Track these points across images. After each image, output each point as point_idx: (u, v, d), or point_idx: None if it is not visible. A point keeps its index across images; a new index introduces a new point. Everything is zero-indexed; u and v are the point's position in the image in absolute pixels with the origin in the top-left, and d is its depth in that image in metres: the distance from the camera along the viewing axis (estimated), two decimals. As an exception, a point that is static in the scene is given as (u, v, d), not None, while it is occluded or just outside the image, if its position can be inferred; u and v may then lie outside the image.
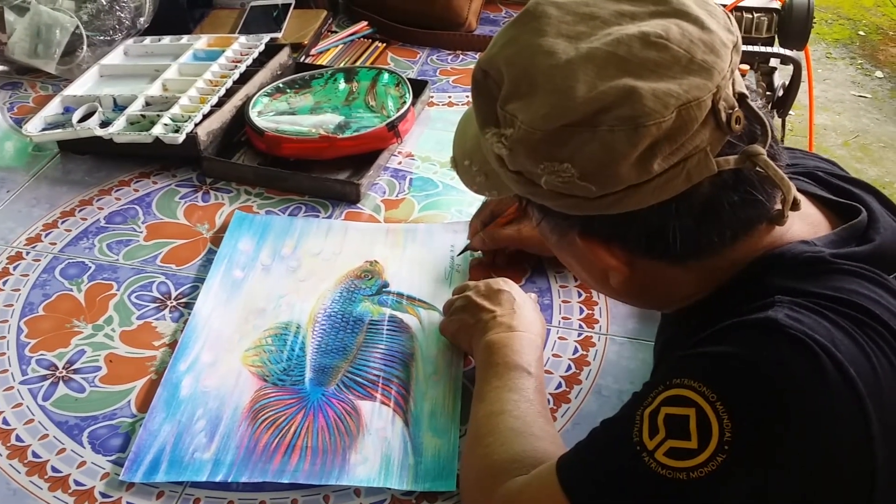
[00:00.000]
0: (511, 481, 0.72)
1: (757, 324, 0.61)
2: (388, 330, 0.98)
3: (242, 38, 1.49)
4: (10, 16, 1.47)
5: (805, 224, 0.69)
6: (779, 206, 0.64)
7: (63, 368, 0.94)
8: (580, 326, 0.99)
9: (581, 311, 1.01)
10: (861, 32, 4.11)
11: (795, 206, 0.63)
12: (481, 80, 0.67)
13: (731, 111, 0.61)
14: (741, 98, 0.62)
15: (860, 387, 0.58)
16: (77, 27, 1.45)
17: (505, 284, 0.94)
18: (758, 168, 0.61)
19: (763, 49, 1.43)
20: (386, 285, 1.04)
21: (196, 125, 1.24)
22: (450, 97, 1.47)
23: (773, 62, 1.49)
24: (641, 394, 0.64)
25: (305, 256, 1.08)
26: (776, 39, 1.48)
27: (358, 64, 1.55)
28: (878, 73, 3.73)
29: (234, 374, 0.92)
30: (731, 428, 0.57)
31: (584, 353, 0.96)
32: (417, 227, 1.14)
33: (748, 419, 0.58)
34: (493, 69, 0.66)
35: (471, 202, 1.18)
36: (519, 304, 0.92)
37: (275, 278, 1.05)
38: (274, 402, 0.89)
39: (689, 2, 0.64)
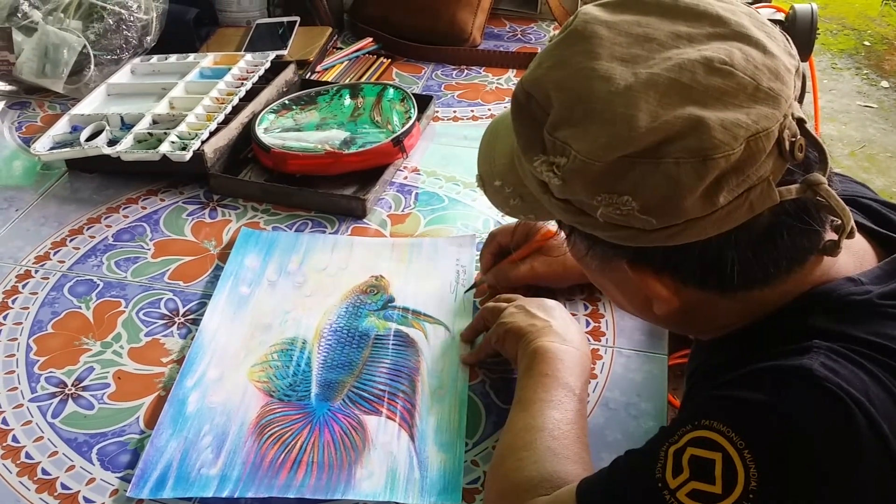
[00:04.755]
0: (534, 500, 0.72)
1: (792, 372, 0.59)
2: (393, 345, 0.98)
3: (248, 56, 1.50)
4: (17, 36, 1.49)
5: (851, 256, 0.67)
6: (832, 236, 0.63)
7: (72, 386, 0.94)
8: (587, 339, 0.99)
9: (588, 323, 1.01)
10: (866, 42, 4.11)
11: (851, 234, 0.61)
12: (524, 103, 0.64)
13: (794, 139, 0.59)
14: (800, 123, 0.60)
15: (893, 444, 0.56)
16: (84, 47, 1.47)
17: (556, 304, 0.93)
18: (818, 197, 0.59)
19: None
20: (391, 300, 1.04)
21: (203, 142, 1.25)
22: (455, 112, 1.47)
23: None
24: (669, 430, 0.62)
25: (311, 272, 1.09)
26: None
27: (363, 80, 1.56)
28: (884, 83, 3.73)
29: (240, 390, 0.92)
30: (756, 477, 0.56)
31: (591, 365, 0.96)
32: (423, 241, 1.14)
33: (776, 470, 0.57)
34: (538, 92, 0.63)
35: (476, 216, 1.19)
36: (571, 321, 0.91)
37: (281, 294, 1.05)
38: (280, 418, 0.89)
39: (747, 23, 0.62)
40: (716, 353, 0.72)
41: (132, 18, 1.49)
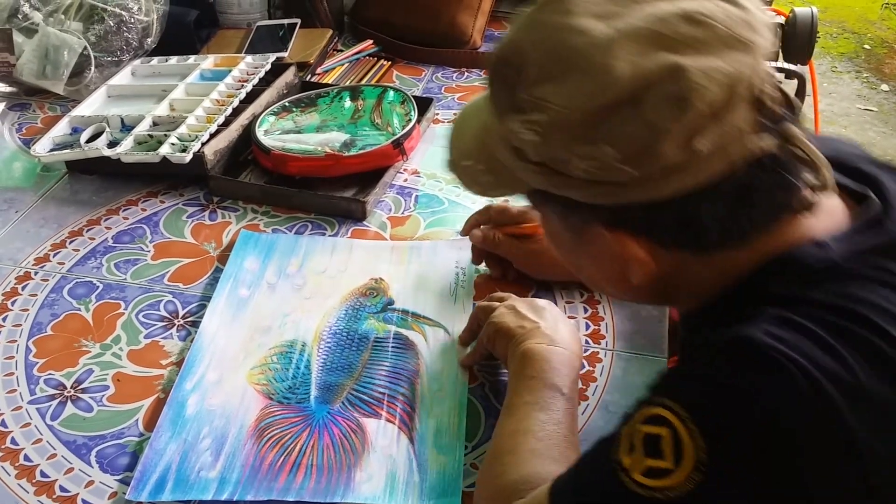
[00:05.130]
0: (515, 502, 0.72)
1: (733, 341, 0.60)
2: (393, 347, 0.98)
3: (249, 58, 1.50)
4: (18, 37, 1.49)
5: (826, 217, 0.66)
6: (809, 193, 0.63)
7: (71, 388, 0.94)
8: (587, 342, 0.99)
9: (587, 326, 1.01)
10: (866, 46, 4.11)
11: (826, 188, 0.62)
12: (500, 68, 0.64)
13: (768, 91, 0.60)
14: (771, 77, 0.61)
15: (841, 403, 0.56)
16: (85, 48, 1.47)
17: (547, 304, 0.93)
18: (794, 149, 0.60)
19: (767, 64, 1.43)
20: (391, 303, 1.04)
21: (203, 144, 1.25)
22: (455, 114, 1.47)
23: (778, 77, 1.49)
24: (628, 413, 0.63)
25: (311, 274, 1.09)
26: (780, 54, 1.48)
27: (363, 82, 1.56)
28: (884, 87, 3.73)
29: (239, 393, 0.92)
30: (705, 448, 0.56)
31: (591, 368, 0.96)
32: (422, 244, 1.14)
33: (722, 439, 0.57)
34: (515, 54, 0.63)
35: (476, 219, 1.19)
36: (561, 321, 0.91)
37: (280, 296, 1.05)
38: (279, 421, 0.89)
39: None
40: (690, 328, 0.73)
41: (133, 20, 1.49)
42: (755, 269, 0.65)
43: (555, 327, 0.89)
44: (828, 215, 0.67)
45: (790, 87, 1.47)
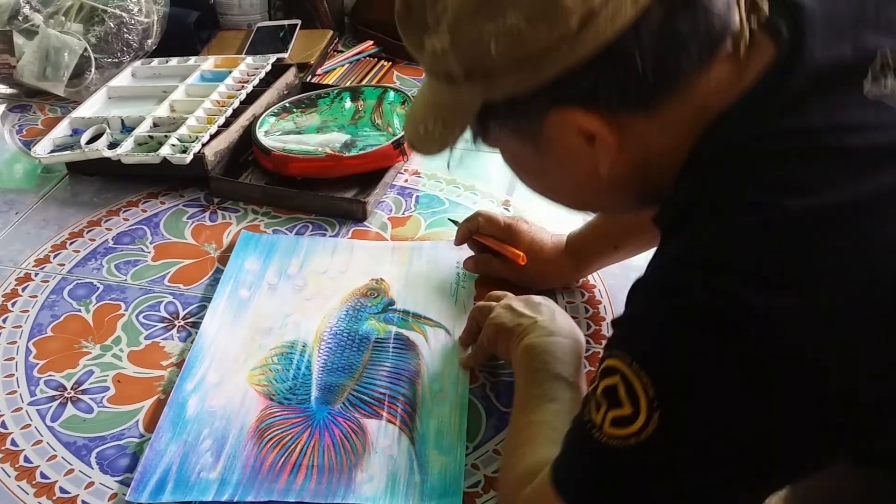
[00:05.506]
0: (524, 490, 0.72)
1: (662, 272, 0.62)
2: (393, 348, 0.98)
3: (249, 59, 1.50)
4: (19, 39, 1.49)
5: (757, 60, 0.63)
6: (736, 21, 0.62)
7: (71, 389, 0.94)
8: (588, 342, 0.99)
9: (588, 326, 1.01)
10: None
11: (759, 12, 0.61)
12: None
13: None
14: None
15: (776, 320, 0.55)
16: (85, 50, 1.47)
17: (543, 298, 0.94)
18: None
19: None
20: (392, 303, 1.04)
21: (203, 145, 1.25)
22: (455, 115, 1.47)
23: None
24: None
25: (311, 275, 1.08)
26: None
27: (364, 83, 1.56)
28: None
29: (240, 394, 0.92)
30: (652, 384, 0.57)
31: (591, 368, 0.95)
32: (423, 244, 1.14)
33: (664, 371, 0.58)
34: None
35: (477, 219, 1.18)
36: (559, 313, 0.92)
37: (281, 297, 1.05)
38: (280, 422, 0.89)
39: None
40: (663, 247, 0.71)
41: (133, 21, 1.49)
42: (698, 139, 0.64)
43: (552, 319, 0.90)
44: (760, 60, 0.64)
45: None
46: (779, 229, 0.57)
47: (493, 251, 1.06)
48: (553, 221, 1.13)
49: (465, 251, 1.10)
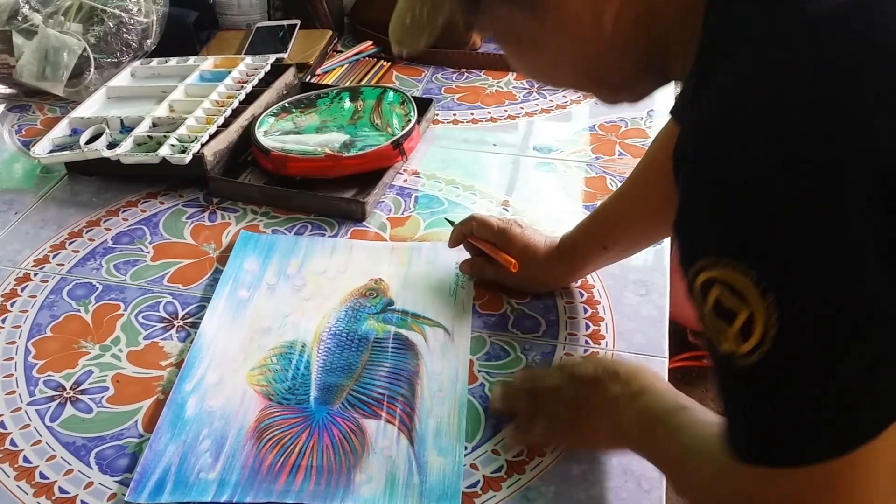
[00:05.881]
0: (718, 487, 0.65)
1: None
2: (392, 348, 0.98)
3: (248, 59, 1.50)
4: (18, 39, 1.49)
5: None
6: None
7: (70, 389, 0.94)
8: (586, 342, 0.99)
9: (587, 326, 1.01)
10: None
11: None
12: None
13: None
14: None
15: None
16: (84, 50, 1.47)
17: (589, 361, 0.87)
18: None
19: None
20: (391, 303, 1.04)
21: (202, 145, 1.25)
22: (455, 115, 1.47)
23: None
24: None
25: (310, 275, 1.08)
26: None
27: (363, 83, 1.56)
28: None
29: (239, 394, 0.92)
30: (747, 270, 0.51)
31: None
32: (422, 245, 1.14)
33: (763, 255, 0.52)
34: None
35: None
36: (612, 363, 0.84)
37: (280, 297, 1.05)
38: (279, 422, 0.89)
39: None
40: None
41: (132, 21, 1.49)
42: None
43: (615, 366, 0.82)
44: None
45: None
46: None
47: (487, 255, 1.06)
48: (552, 221, 1.14)
49: (464, 252, 1.10)
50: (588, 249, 1.03)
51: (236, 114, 1.35)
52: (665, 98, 1.30)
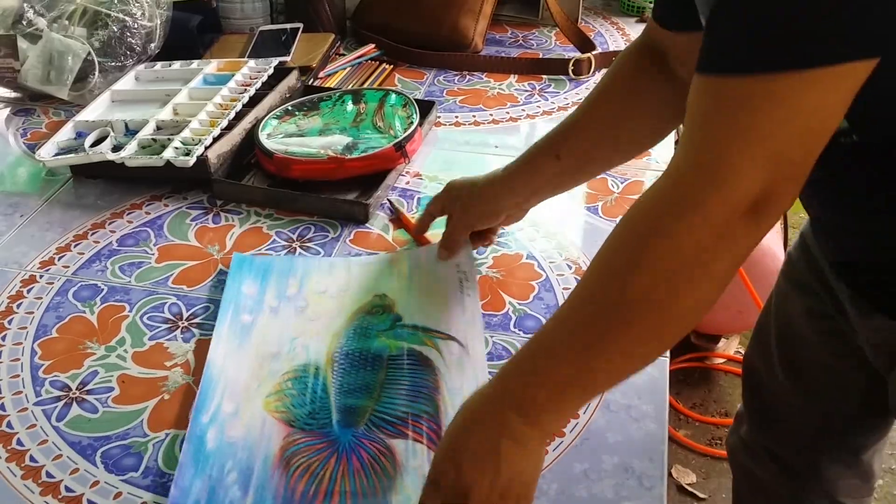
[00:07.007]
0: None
1: None
2: (408, 365, 0.95)
3: (252, 62, 1.51)
4: (22, 43, 1.50)
5: None
6: None
7: (76, 389, 0.95)
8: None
9: (588, 327, 1.02)
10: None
11: None
12: None
13: None
14: None
15: None
16: (89, 54, 1.47)
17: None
18: None
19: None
20: (399, 318, 1.01)
21: (206, 148, 1.25)
22: (457, 117, 1.48)
23: None
24: None
25: (311, 295, 1.06)
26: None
27: (366, 86, 1.57)
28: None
29: (258, 422, 0.89)
30: None
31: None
32: (419, 250, 1.13)
33: None
34: None
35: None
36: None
37: (284, 319, 1.02)
38: (305, 448, 0.86)
39: None
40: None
41: (136, 25, 1.50)
42: None
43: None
44: None
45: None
46: None
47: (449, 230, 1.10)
48: (554, 222, 1.14)
49: (465, 251, 1.11)
50: (542, 162, 1.03)
51: (240, 117, 1.36)
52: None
